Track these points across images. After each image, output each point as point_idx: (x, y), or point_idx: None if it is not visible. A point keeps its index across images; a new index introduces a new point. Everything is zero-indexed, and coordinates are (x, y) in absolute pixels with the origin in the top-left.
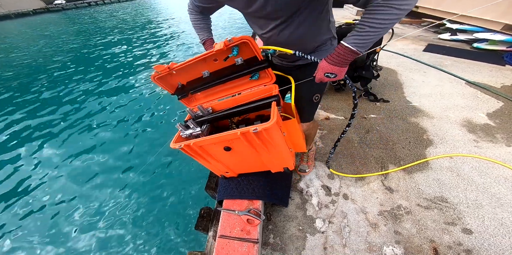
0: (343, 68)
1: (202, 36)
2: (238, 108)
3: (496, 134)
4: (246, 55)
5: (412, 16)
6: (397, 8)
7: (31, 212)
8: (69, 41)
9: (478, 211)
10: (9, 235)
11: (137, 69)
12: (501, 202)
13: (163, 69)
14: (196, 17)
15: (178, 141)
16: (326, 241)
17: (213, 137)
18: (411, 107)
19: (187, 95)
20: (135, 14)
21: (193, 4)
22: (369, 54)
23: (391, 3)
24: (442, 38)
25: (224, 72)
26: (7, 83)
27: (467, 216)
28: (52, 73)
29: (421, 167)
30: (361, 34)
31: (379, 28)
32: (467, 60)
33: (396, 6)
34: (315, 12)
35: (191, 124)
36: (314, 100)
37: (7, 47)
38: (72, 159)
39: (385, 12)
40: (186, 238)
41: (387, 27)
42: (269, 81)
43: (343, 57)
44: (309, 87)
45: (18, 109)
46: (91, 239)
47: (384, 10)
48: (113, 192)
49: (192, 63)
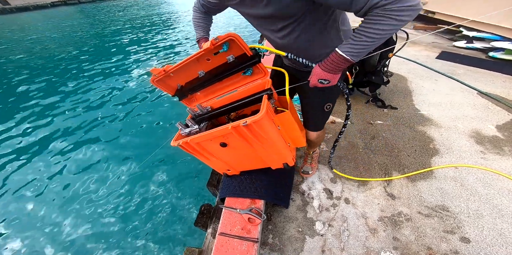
0: (336, 75)
1: (198, 35)
2: (233, 104)
3: (504, 146)
4: (237, 53)
5: (427, 22)
6: (397, 19)
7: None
8: (84, 32)
9: (478, 221)
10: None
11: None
12: (502, 213)
13: (159, 72)
14: (199, 16)
15: (178, 139)
16: (324, 244)
17: (207, 132)
18: (419, 116)
19: (187, 96)
20: (149, 8)
21: (200, 3)
22: (380, 60)
23: (391, 14)
24: (457, 45)
25: (218, 70)
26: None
27: (466, 225)
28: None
29: (425, 176)
30: (357, 43)
31: (375, 39)
32: (481, 69)
33: (396, 17)
34: (320, 19)
35: (189, 123)
36: (326, 109)
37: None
38: (77, 147)
39: (383, 23)
40: (185, 233)
41: (384, 37)
42: (262, 76)
43: (336, 65)
44: (321, 96)
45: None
46: (86, 230)
47: (383, 21)
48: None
49: (185, 64)
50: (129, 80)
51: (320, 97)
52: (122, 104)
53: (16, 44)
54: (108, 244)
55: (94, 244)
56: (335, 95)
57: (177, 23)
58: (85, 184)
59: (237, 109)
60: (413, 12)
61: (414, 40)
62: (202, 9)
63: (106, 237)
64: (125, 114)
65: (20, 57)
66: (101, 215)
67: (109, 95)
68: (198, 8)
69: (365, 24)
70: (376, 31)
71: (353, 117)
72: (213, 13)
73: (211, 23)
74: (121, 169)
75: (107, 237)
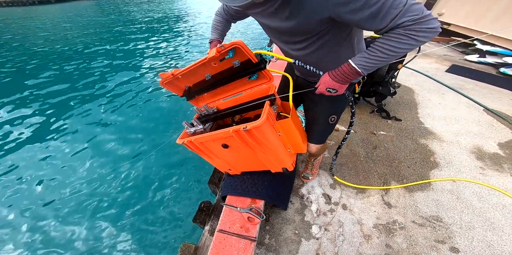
0: (344, 85)
1: (212, 36)
2: (237, 107)
3: (504, 163)
4: (243, 58)
5: (441, 33)
6: (416, 40)
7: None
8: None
9: (469, 232)
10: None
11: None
12: (494, 226)
13: (168, 76)
14: (219, 20)
15: (184, 137)
16: (319, 247)
17: (209, 134)
18: (423, 129)
19: (194, 97)
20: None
21: (223, 9)
22: (389, 71)
23: (411, 34)
24: (468, 59)
25: (224, 74)
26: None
27: (457, 236)
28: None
29: (423, 187)
30: (371, 58)
31: (390, 56)
32: (490, 85)
33: (416, 38)
34: (338, 36)
35: (195, 122)
36: (330, 121)
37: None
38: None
39: (402, 42)
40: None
41: (398, 55)
42: (267, 81)
43: (346, 76)
44: (326, 107)
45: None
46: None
47: (402, 39)
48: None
49: (192, 69)
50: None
51: (326, 108)
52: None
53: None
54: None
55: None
56: (341, 107)
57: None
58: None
59: (240, 112)
60: (433, 34)
61: (426, 52)
62: (224, 15)
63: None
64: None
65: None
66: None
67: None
68: (221, 13)
69: (383, 39)
70: (393, 49)
71: (356, 126)
72: (234, 20)
73: (229, 29)
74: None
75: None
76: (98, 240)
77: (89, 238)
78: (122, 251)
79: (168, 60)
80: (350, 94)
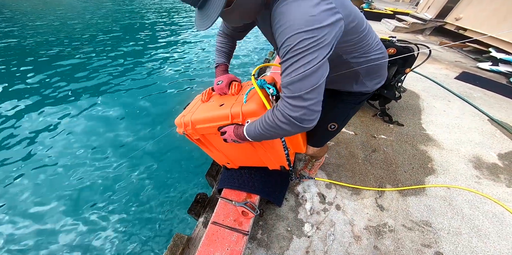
0: (242, 141)
1: (218, 60)
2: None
3: (501, 174)
4: None
5: (455, 38)
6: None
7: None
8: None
9: (456, 237)
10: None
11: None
12: (480, 233)
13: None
14: (222, 41)
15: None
16: (310, 245)
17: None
18: (424, 135)
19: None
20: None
21: (225, 28)
22: (396, 74)
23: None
24: (480, 67)
25: None
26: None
27: (444, 241)
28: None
29: (417, 192)
30: (254, 128)
31: (267, 133)
32: (498, 95)
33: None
34: (334, 56)
35: None
36: (329, 129)
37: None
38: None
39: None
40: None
41: (271, 136)
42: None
43: (240, 136)
44: (327, 113)
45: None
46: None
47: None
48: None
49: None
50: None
51: (325, 114)
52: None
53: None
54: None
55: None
56: (342, 115)
57: None
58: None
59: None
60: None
61: (437, 57)
62: (227, 36)
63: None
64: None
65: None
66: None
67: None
68: (223, 31)
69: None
70: (265, 126)
71: (357, 128)
72: (238, 38)
73: (234, 48)
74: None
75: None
76: (91, 231)
77: (83, 230)
78: (117, 239)
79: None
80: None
